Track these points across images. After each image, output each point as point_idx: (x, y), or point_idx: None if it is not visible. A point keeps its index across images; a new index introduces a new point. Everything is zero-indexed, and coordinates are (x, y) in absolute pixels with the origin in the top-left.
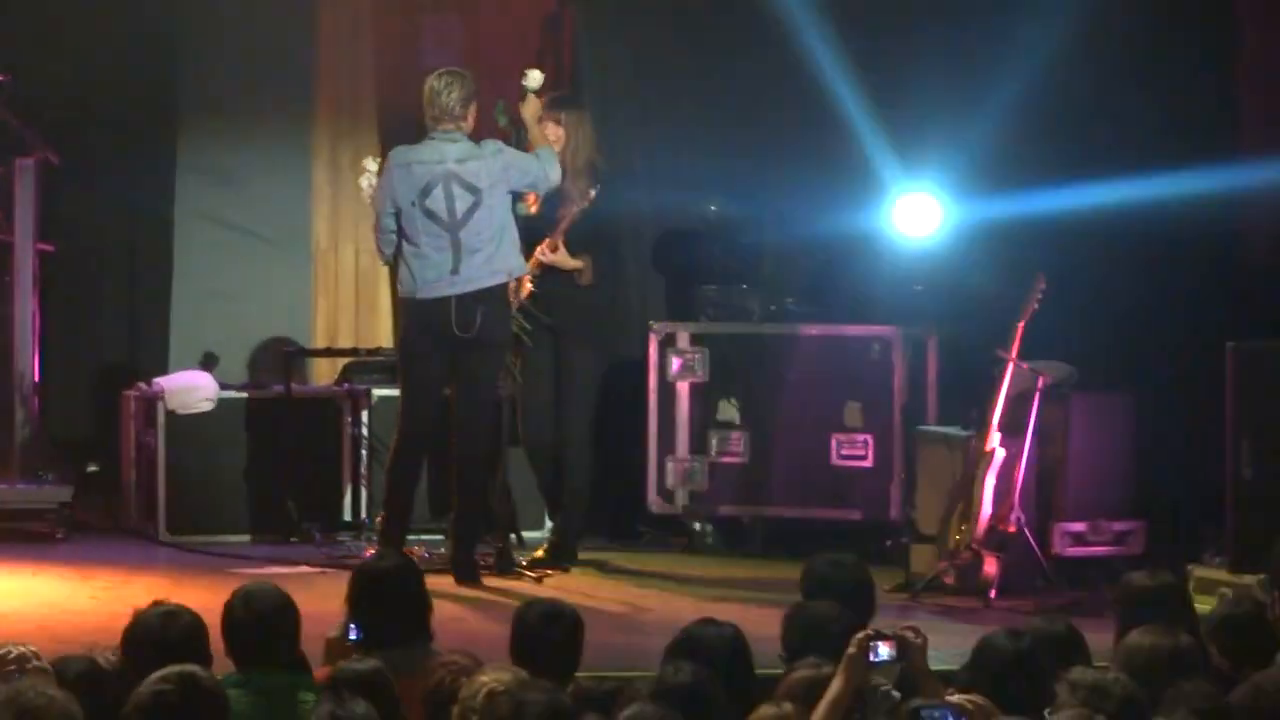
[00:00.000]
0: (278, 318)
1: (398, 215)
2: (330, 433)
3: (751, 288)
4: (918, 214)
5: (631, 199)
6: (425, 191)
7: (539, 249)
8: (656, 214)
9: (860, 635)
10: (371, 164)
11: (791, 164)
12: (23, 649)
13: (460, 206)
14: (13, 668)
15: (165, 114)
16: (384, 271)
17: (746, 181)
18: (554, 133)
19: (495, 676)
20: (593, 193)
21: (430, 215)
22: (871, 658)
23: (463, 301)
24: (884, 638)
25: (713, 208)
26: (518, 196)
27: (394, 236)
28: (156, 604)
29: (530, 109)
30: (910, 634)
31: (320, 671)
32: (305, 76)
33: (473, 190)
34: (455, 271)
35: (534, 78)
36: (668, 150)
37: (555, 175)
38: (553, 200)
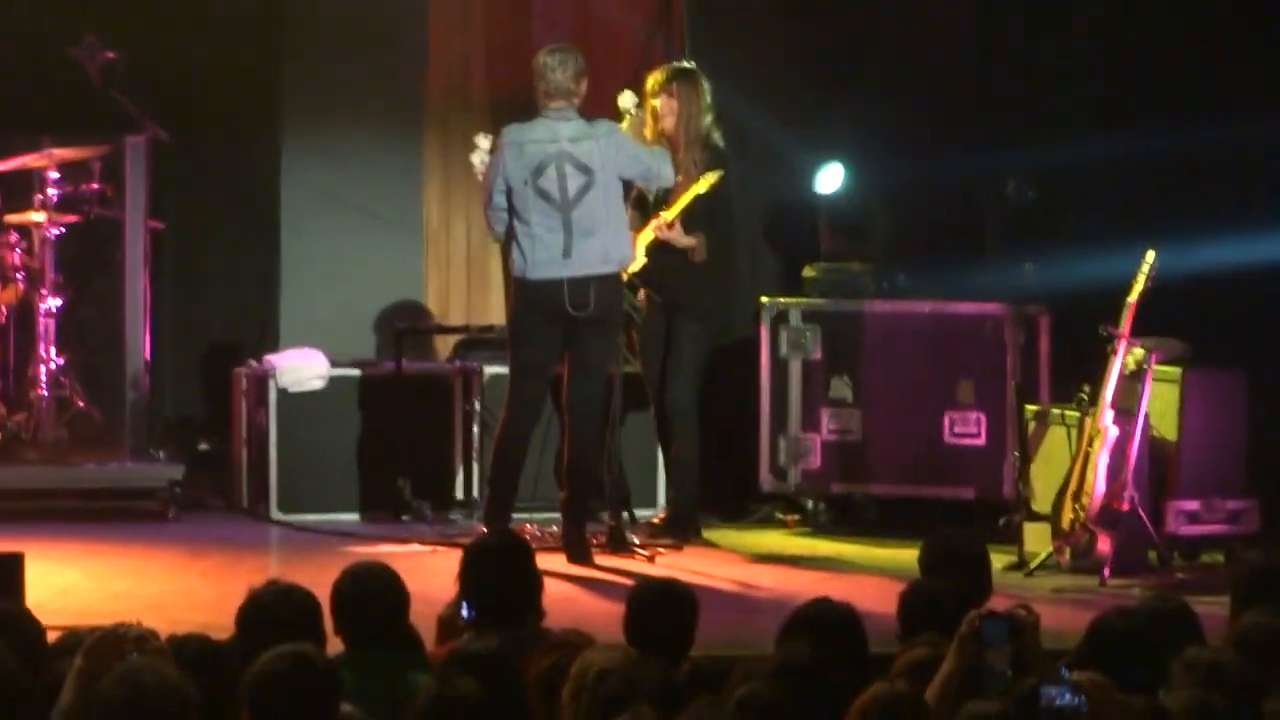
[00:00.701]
0: (389, 295)
1: (509, 194)
2: (442, 410)
3: (863, 265)
4: None
5: (743, 175)
6: (539, 171)
7: (654, 224)
8: (767, 190)
9: (972, 614)
10: (484, 140)
11: (904, 136)
12: (142, 629)
13: (573, 186)
14: (130, 647)
15: (274, 92)
16: (495, 249)
17: (860, 156)
18: (666, 105)
19: (607, 656)
20: (713, 176)
21: (543, 195)
22: (984, 637)
23: (575, 283)
24: (997, 617)
25: (820, 188)
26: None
27: (505, 214)
28: (271, 583)
29: (626, 128)
30: (1023, 613)
31: (435, 651)
32: (416, 53)
33: (585, 170)
34: (567, 254)
35: (626, 98)
36: (778, 126)
37: (668, 175)
38: (686, 176)
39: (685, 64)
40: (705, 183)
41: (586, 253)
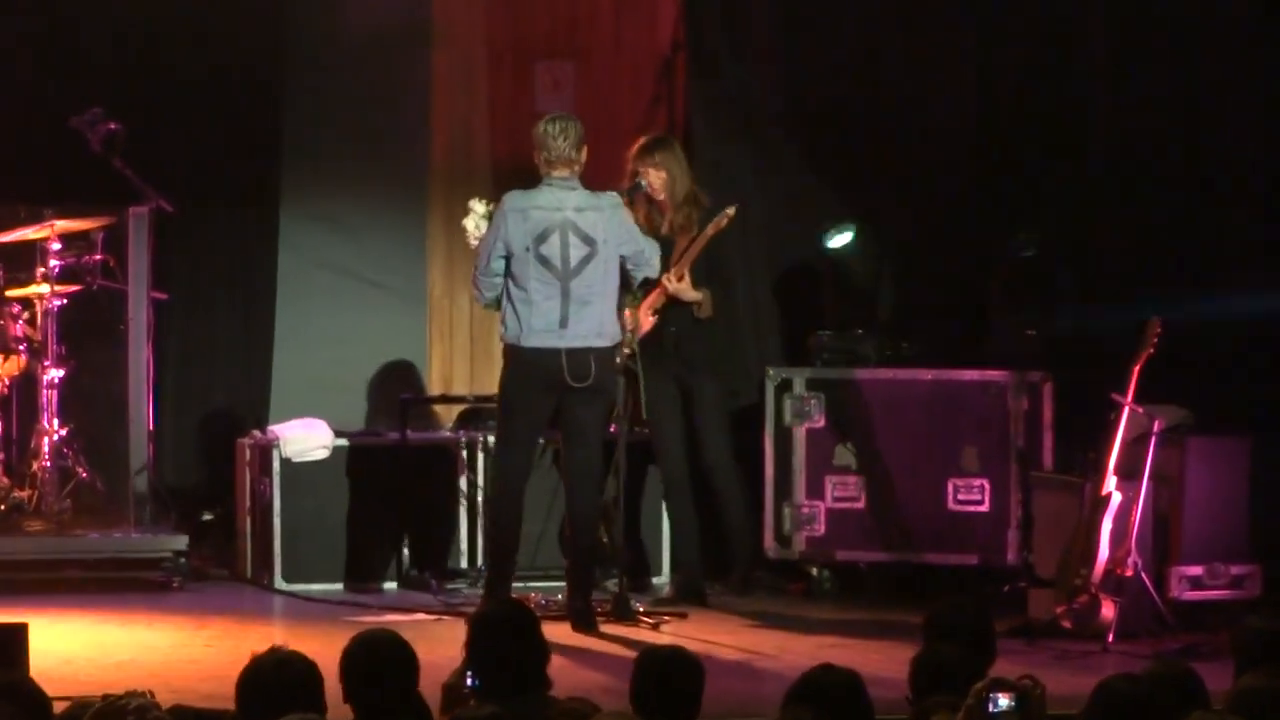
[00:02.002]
0: (391, 364)
1: (508, 260)
2: (446, 480)
3: (867, 332)
4: None
5: (744, 240)
6: (542, 238)
7: (664, 278)
8: (770, 257)
9: (979, 685)
10: (479, 205)
11: (910, 199)
12: (143, 699)
13: (575, 256)
14: (132, 718)
15: (275, 160)
16: (498, 318)
17: (865, 219)
18: (655, 178)
19: None
20: (730, 211)
21: (544, 262)
22: (991, 708)
23: (574, 353)
24: (1003, 688)
25: (829, 244)
26: None
27: (499, 280)
28: (272, 650)
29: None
30: (1029, 683)
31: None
32: (418, 119)
33: (589, 241)
34: (564, 323)
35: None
36: (781, 191)
37: (655, 266)
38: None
39: (658, 134)
40: (717, 225)
41: (583, 323)
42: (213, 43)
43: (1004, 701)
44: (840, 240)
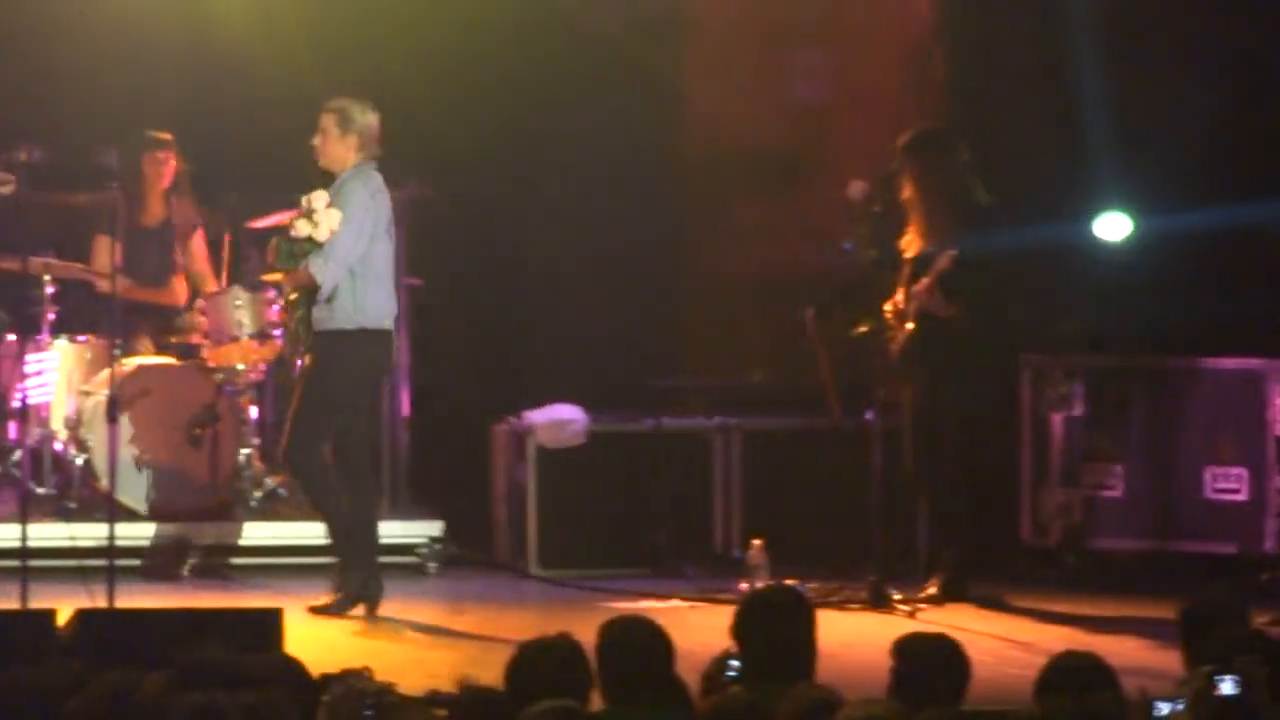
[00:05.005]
0: (643, 351)
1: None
2: (701, 466)
3: (1123, 319)
4: None
5: (1001, 232)
6: (390, 220)
7: (917, 288)
8: (1026, 246)
9: (1204, 669)
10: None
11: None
12: (380, 682)
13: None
14: (370, 700)
15: (523, 149)
16: (750, 302)
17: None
18: (904, 176)
19: (867, 710)
20: (951, 253)
21: (391, 243)
22: (1217, 690)
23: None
24: (1229, 671)
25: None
26: None
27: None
28: (545, 638)
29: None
30: (1254, 665)
31: (700, 705)
32: (671, 110)
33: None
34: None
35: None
36: (1038, 181)
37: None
38: (936, 243)
39: (925, 129)
40: (945, 259)
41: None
42: (466, 31)
43: (1228, 685)
44: (1110, 228)
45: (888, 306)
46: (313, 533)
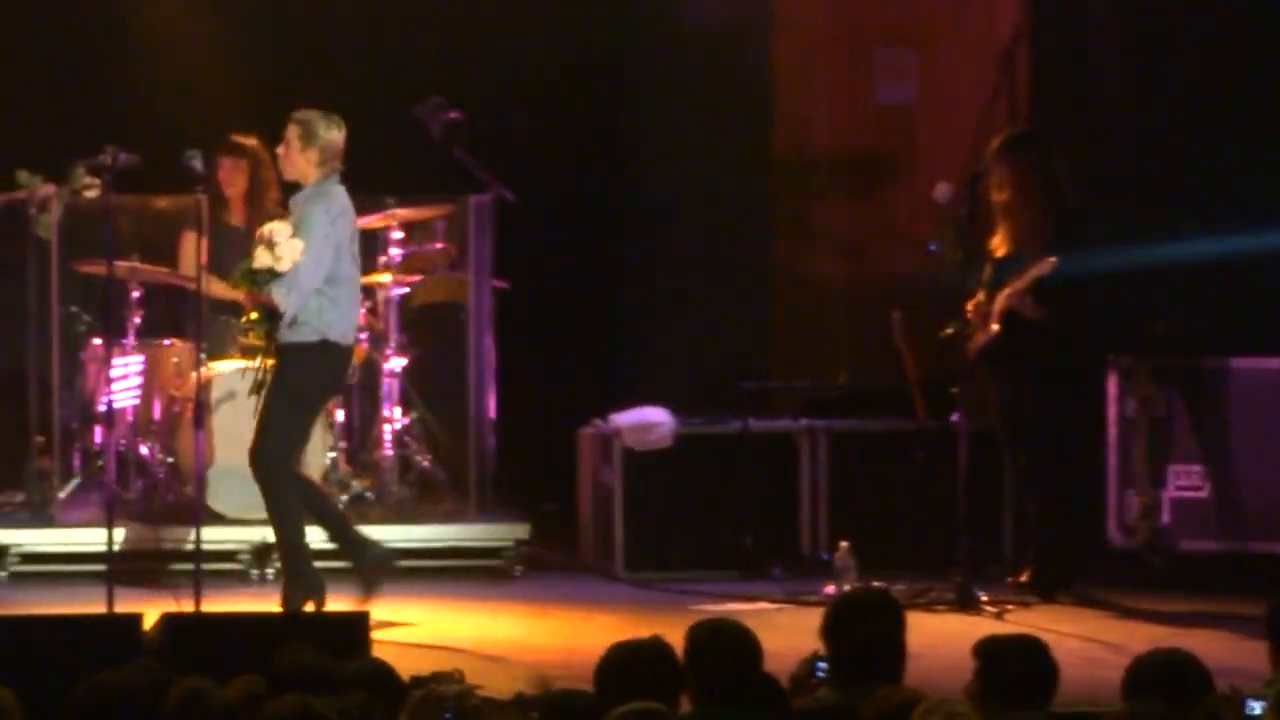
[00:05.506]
0: (733, 352)
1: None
2: (788, 468)
3: (1210, 320)
4: None
5: (1084, 231)
6: (354, 237)
7: (1009, 290)
8: (1110, 247)
9: None
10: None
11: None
12: (462, 685)
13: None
14: (450, 703)
15: (615, 151)
16: (838, 306)
17: (1216, 211)
18: (1001, 176)
19: (947, 711)
20: (1053, 260)
21: (355, 261)
22: None
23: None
24: None
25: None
26: None
27: None
28: (635, 640)
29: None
30: None
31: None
32: (759, 110)
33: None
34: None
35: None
36: (1120, 181)
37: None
38: (1028, 246)
39: (1021, 131)
40: (1046, 265)
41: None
42: (553, 32)
43: None
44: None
45: (969, 306)
46: (402, 536)
